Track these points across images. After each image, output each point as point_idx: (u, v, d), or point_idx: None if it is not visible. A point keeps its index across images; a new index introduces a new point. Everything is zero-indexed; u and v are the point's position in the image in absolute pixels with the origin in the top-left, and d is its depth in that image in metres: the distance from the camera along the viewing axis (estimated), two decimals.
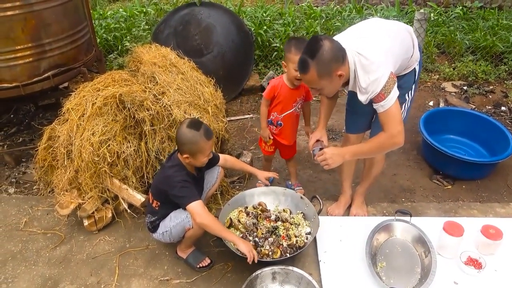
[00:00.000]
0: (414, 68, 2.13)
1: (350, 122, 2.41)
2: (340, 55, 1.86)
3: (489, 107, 3.87)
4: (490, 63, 4.44)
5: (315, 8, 5.64)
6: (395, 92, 1.88)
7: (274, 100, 2.51)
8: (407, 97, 2.19)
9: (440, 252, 2.19)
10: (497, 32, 4.65)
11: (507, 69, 4.34)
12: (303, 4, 5.82)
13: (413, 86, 2.18)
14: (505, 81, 4.24)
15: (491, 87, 4.15)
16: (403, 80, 2.12)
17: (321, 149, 2.15)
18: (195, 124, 2.00)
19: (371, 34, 1.97)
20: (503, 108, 3.83)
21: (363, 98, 1.94)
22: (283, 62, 2.41)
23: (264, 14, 5.30)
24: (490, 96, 4.02)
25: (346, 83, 1.99)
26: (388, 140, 1.94)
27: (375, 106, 1.93)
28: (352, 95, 2.14)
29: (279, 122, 2.55)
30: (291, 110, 2.50)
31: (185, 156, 2.03)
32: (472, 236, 2.23)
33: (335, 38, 2.03)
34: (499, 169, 2.98)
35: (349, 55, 1.89)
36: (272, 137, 2.63)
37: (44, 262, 2.32)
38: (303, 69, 1.88)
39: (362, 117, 2.32)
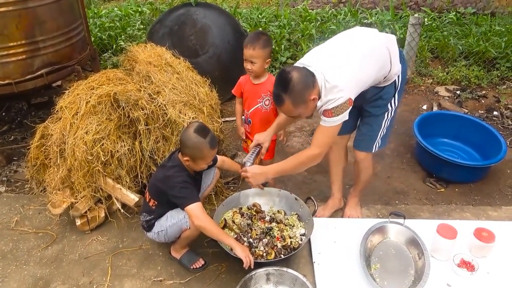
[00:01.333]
0: (395, 80, 2.14)
1: None
2: (310, 81, 1.91)
3: (482, 112, 3.92)
4: (483, 68, 4.48)
5: (311, 11, 5.66)
6: (343, 117, 1.96)
7: (243, 98, 2.57)
8: (389, 107, 2.22)
9: (434, 255, 2.20)
10: (489, 38, 4.71)
11: (499, 74, 4.39)
12: (298, 7, 5.85)
13: (396, 96, 2.20)
14: (497, 86, 4.29)
15: (483, 92, 4.19)
16: (384, 91, 2.16)
17: (252, 163, 2.25)
18: (202, 131, 2.00)
19: (342, 57, 1.99)
20: (495, 112, 3.88)
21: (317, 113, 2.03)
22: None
23: (259, 16, 5.32)
24: (483, 101, 4.06)
25: None
26: (310, 158, 2.07)
27: (321, 117, 2.00)
28: None
29: (248, 120, 2.58)
30: (256, 106, 2.51)
31: (185, 158, 2.03)
32: (465, 238, 2.24)
33: (309, 54, 2.08)
34: (491, 173, 3.01)
35: (318, 78, 1.93)
36: (244, 137, 2.67)
37: (35, 262, 2.29)
38: (278, 102, 1.95)
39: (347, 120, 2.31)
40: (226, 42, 3.99)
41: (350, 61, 1.96)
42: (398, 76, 2.13)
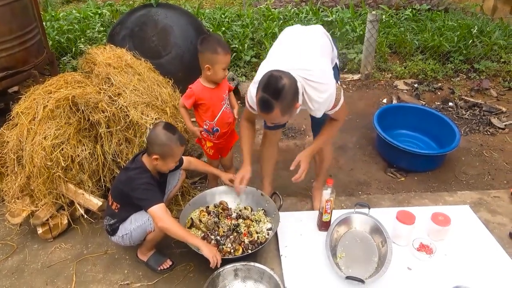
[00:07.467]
0: (336, 62, 2.31)
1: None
2: (297, 88, 1.89)
3: (438, 103, 4.10)
4: (438, 62, 4.69)
5: (273, 10, 5.73)
6: (342, 95, 2.07)
7: (200, 107, 2.40)
8: None
9: (395, 241, 2.29)
10: (443, 32, 4.93)
11: (453, 67, 4.61)
12: (261, 6, 5.90)
13: (338, 77, 2.36)
14: (452, 79, 4.50)
15: (439, 84, 4.39)
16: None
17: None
18: (171, 128, 2.02)
19: (310, 56, 2.04)
20: (450, 103, 4.07)
21: (318, 114, 2.06)
22: (207, 65, 2.26)
23: (222, 16, 5.32)
24: (439, 93, 4.25)
25: None
26: (338, 129, 2.26)
27: (331, 113, 2.09)
28: None
29: (215, 129, 2.46)
30: (222, 109, 2.41)
31: (154, 157, 1.99)
32: (423, 223, 2.35)
33: (277, 58, 2.06)
34: (447, 161, 3.16)
35: (298, 83, 1.92)
36: (200, 137, 2.52)
37: None
38: (267, 109, 1.85)
39: None
40: (189, 42, 3.96)
41: (317, 55, 2.07)
42: (337, 58, 2.34)
